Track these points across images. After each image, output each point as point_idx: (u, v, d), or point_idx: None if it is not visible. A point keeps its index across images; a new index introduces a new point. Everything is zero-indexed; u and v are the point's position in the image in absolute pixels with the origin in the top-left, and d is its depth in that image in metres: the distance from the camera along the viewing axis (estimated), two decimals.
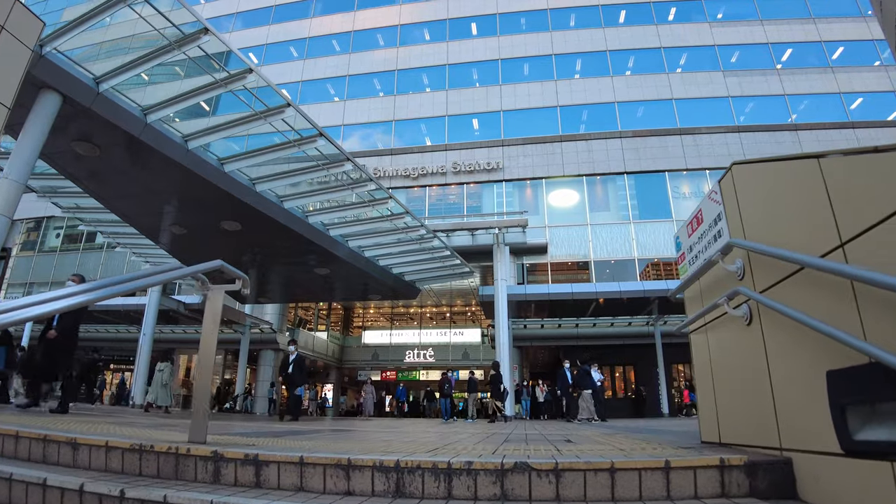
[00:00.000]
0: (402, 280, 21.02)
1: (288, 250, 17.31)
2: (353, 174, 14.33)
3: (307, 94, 37.30)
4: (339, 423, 11.34)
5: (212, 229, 16.26)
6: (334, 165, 13.50)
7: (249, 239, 16.74)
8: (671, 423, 13.93)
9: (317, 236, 16.17)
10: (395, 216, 15.91)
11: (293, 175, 14.08)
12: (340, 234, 17.07)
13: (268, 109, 11.87)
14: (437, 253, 18.68)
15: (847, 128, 31.74)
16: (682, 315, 19.38)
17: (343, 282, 20.83)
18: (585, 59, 34.91)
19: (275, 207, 14.78)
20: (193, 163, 12.69)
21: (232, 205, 14.31)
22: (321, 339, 37.10)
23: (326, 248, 16.74)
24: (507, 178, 32.02)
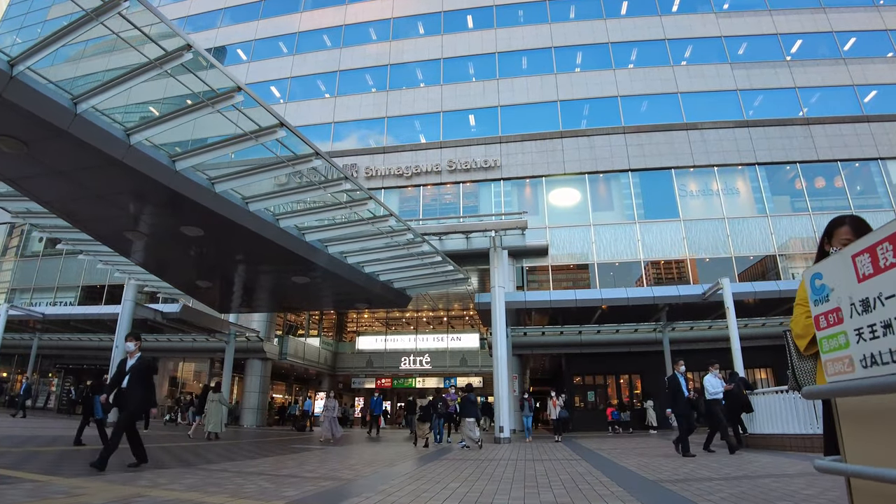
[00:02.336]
0: (390, 288, 19.04)
1: (259, 257, 15.35)
2: (329, 172, 12.32)
3: (297, 91, 35.30)
4: (216, 471, 8.31)
5: (173, 235, 14.29)
6: (301, 162, 11.49)
7: (214, 245, 14.76)
8: None
9: (290, 242, 14.18)
10: (378, 219, 13.90)
11: (257, 173, 12.06)
12: (318, 240, 15.07)
13: (217, 95, 9.83)
14: (428, 258, 16.70)
15: (861, 122, 29.78)
16: (692, 321, 17.21)
17: (325, 290, 18.87)
18: (586, 52, 32.89)
19: (239, 210, 12.80)
20: (138, 160, 10.69)
21: (189, 208, 12.33)
22: (313, 346, 35.15)
23: (302, 255, 14.76)
24: (505, 176, 30.02)
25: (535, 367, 35.03)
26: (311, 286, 17.91)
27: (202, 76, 9.99)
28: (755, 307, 22.13)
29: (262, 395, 29.85)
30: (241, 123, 10.99)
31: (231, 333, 28.22)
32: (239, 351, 29.42)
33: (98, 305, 30.56)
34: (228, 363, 28.39)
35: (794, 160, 29.22)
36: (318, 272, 16.17)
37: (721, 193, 28.83)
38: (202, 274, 17.71)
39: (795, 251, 27.61)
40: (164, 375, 34.16)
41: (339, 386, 39.60)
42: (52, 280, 35.42)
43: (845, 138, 29.47)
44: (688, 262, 27.51)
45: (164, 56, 8.95)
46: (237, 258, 15.73)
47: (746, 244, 27.75)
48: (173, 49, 8.95)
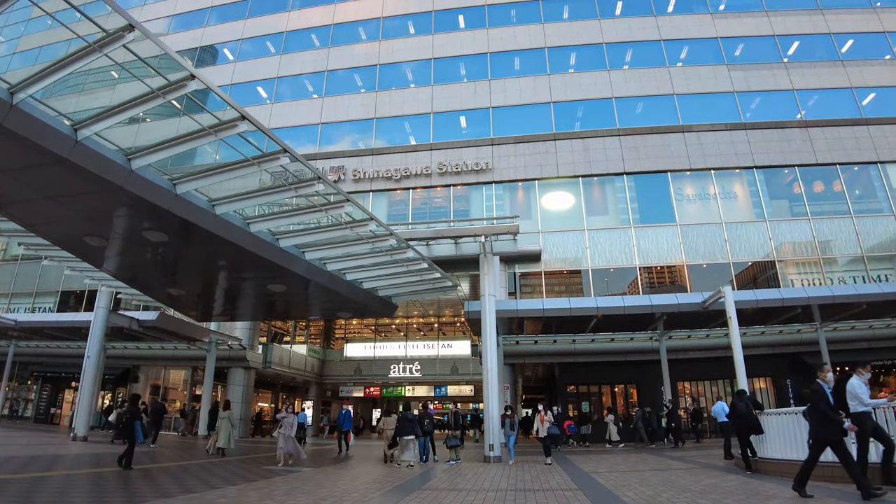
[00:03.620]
0: (374, 296, 17.88)
1: (229, 263, 14.20)
2: (302, 173, 11.16)
3: (284, 92, 34.13)
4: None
5: (136, 240, 13.11)
6: (268, 160, 10.34)
7: (180, 251, 13.60)
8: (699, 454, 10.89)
9: (262, 247, 13.03)
10: (357, 223, 12.76)
11: (221, 173, 10.91)
12: (294, 245, 13.91)
13: (168, 84, 8.67)
14: (414, 265, 15.55)
15: (860, 125, 28.94)
16: (689, 330, 16.06)
17: (305, 299, 17.69)
18: (580, 53, 31.90)
19: (203, 213, 11.64)
20: (86, 159, 9.53)
21: (149, 211, 11.18)
22: (299, 353, 33.90)
23: (276, 262, 13.60)
24: (496, 179, 28.93)
25: (528, 376, 33.91)
26: (290, 295, 16.75)
27: (153, 63, 8.82)
28: (754, 315, 21.10)
29: (246, 406, 28.58)
30: (201, 118, 9.87)
31: (212, 342, 26.98)
32: (221, 359, 28.16)
33: (72, 313, 29.25)
34: (209, 372, 27.13)
35: (793, 164, 28.31)
36: (296, 280, 15.00)
37: (718, 197, 27.86)
38: (172, 281, 16.52)
39: (794, 257, 26.63)
40: (146, 384, 32.84)
41: (328, 394, 38.36)
42: (31, 285, 34.10)
43: (844, 141, 28.60)
44: (684, 268, 26.49)
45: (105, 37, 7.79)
46: (206, 265, 14.57)
47: (745, 249, 26.78)
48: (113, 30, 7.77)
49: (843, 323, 24.02)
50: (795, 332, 24.86)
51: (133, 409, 12.75)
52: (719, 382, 26.49)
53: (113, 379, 32.03)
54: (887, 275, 26.02)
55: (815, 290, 20.43)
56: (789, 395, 24.84)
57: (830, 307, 20.50)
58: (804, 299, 19.09)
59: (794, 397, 24.69)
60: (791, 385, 25.27)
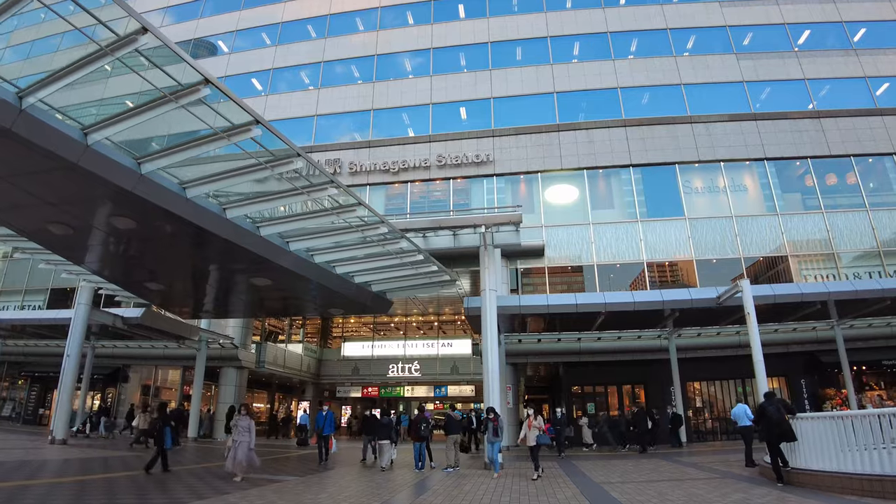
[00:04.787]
0: (367, 291, 16.66)
1: (206, 254, 12.98)
2: (276, 149, 9.93)
3: (279, 84, 32.93)
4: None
5: (103, 228, 11.91)
6: (237, 132, 9.13)
7: (154, 239, 12.41)
8: None
9: (241, 236, 11.82)
10: (344, 209, 11.53)
11: (188, 149, 9.70)
12: (277, 234, 12.70)
13: (118, 38, 7.47)
14: (408, 257, 14.32)
15: (874, 115, 27.70)
16: (699, 327, 14.49)
17: (292, 294, 16.47)
18: (584, 42, 30.66)
19: (174, 198, 10.45)
20: (34, 132, 8.33)
21: (111, 193, 9.98)
22: (294, 353, 32.66)
23: (257, 252, 12.38)
24: (498, 172, 27.69)
25: (531, 376, 32.64)
26: (276, 289, 15.53)
27: None
28: (768, 312, 19.79)
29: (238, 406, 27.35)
30: (156, 80, 8.66)
31: (202, 340, 25.77)
32: (212, 359, 26.97)
33: (53, 310, 28.07)
34: (199, 372, 25.95)
35: (805, 155, 27.06)
36: (280, 273, 13.78)
37: (728, 190, 26.61)
38: (149, 274, 15.31)
39: (808, 252, 25.37)
40: (138, 384, 31.64)
41: (325, 394, 37.10)
42: (21, 282, 32.91)
43: (858, 132, 27.35)
44: (693, 264, 25.23)
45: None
46: (181, 255, 13.35)
47: (756, 244, 25.53)
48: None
49: (860, 320, 22.79)
50: (810, 329, 23.61)
51: (164, 416, 13.03)
52: (730, 382, 25.21)
53: (102, 378, 30.81)
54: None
55: (836, 284, 19.19)
56: (804, 396, 23.60)
57: (849, 303, 19.25)
58: (824, 294, 17.82)
59: (809, 398, 23.47)
60: (806, 385, 24.02)
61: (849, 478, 8.47)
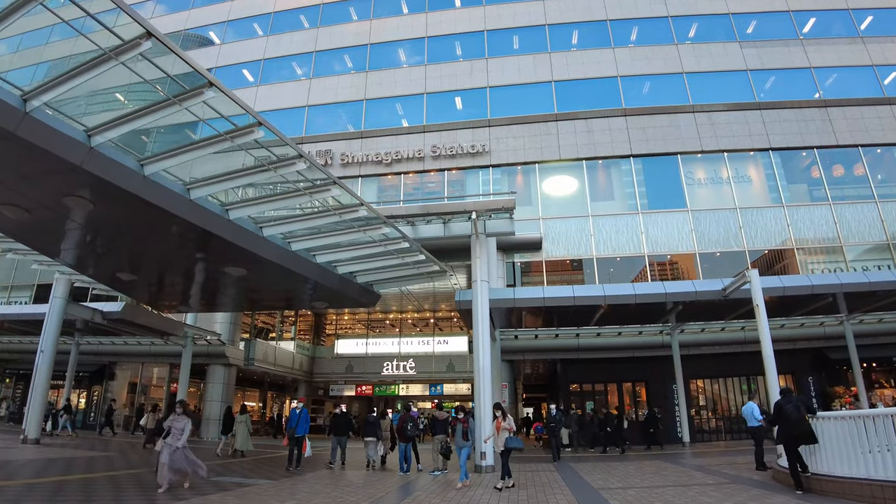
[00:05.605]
0: (352, 283, 15.57)
1: (172, 240, 11.88)
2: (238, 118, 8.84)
3: (270, 74, 31.82)
4: None
5: (60, 210, 10.83)
6: (189, 97, 8.07)
7: (115, 224, 11.35)
8: None
9: (206, 219, 10.74)
10: (317, 188, 10.45)
11: (138, 117, 8.63)
12: (247, 217, 11.62)
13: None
14: (393, 245, 13.23)
15: (882, 104, 26.60)
16: (703, 322, 13.14)
17: (270, 285, 15.36)
18: (583, 30, 29.56)
19: (130, 175, 9.39)
20: None
21: (62, 170, 8.94)
22: (286, 350, 31.55)
23: (227, 238, 11.30)
24: (494, 162, 26.61)
25: (529, 374, 31.54)
26: (252, 280, 14.46)
27: None
28: (775, 306, 18.67)
29: (225, 405, 26.24)
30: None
31: (188, 336, 24.71)
32: (199, 356, 25.92)
33: (29, 305, 27.04)
34: (185, 369, 24.84)
35: (812, 145, 25.97)
36: (254, 261, 12.69)
37: (732, 181, 25.53)
38: (116, 263, 14.23)
39: (815, 244, 24.27)
40: (124, 381, 30.61)
41: (319, 393, 36.06)
42: (7, 278, 31.86)
43: (866, 122, 26.24)
44: (696, 257, 24.15)
45: None
46: (146, 243, 12.27)
47: (761, 237, 24.45)
48: None
49: (871, 315, 21.70)
50: (818, 324, 22.49)
51: None
52: (735, 380, 24.13)
53: (88, 376, 29.83)
54: None
55: (848, 276, 18.10)
56: (811, 394, 22.53)
57: (860, 297, 18.14)
58: (836, 286, 16.71)
59: (817, 396, 22.39)
60: (813, 383, 22.94)
61: (880, 486, 7.39)
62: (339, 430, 14.29)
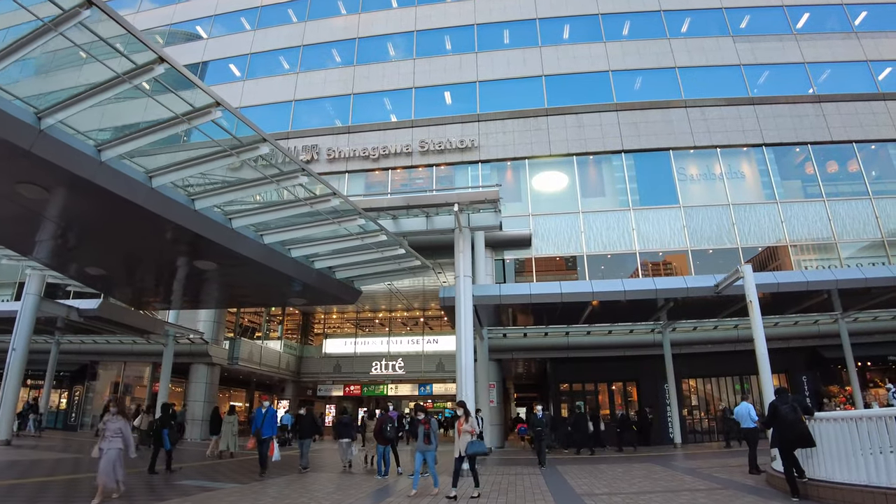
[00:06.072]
0: (330, 278, 14.90)
1: (135, 233, 11.19)
2: (189, 94, 8.17)
3: (257, 68, 31.09)
4: None
5: (16, 199, 10.12)
6: (140, 73, 7.42)
7: (73, 214, 10.66)
8: None
9: (170, 209, 10.06)
10: (285, 176, 9.79)
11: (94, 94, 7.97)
12: (213, 207, 10.95)
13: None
14: (371, 238, 12.58)
15: (877, 100, 26.12)
16: (696, 320, 12.43)
17: (243, 280, 14.66)
18: (574, 24, 28.96)
19: (85, 161, 8.71)
20: None
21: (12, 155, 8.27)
22: (272, 350, 30.84)
23: (194, 230, 10.61)
24: (483, 158, 25.98)
25: (521, 373, 30.91)
26: (224, 275, 13.78)
27: None
28: (769, 303, 18.06)
29: (208, 405, 25.57)
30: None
31: (169, 335, 24.00)
32: (182, 355, 25.21)
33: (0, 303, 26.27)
34: (166, 368, 24.11)
35: (806, 141, 25.46)
36: (225, 255, 12.02)
37: (725, 177, 24.98)
38: (83, 257, 13.52)
39: (809, 241, 23.74)
40: (107, 381, 29.83)
41: (308, 393, 35.35)
42: None
43: (861, 117, 25.75)
44: (688, 254, 23.57)
45: None
46: (111, 235, 11.57)
47: (754, 233, 23.90)
48: None
49: (865, 313, 21.16)
50: (812, 323, 21.97)
51: (163, 417, 12.89)
52: (728, 379, 23.55)
53: (69, 376, 29.06)
54: None
55: (844, 272, 17.48)
56: (805, 393, 21.96)
57: (856, 294, 17.60)
58: (831, 282, 16.14)
59: (812, 395, 21.83)
60: (807, 382, 22.38)
61: (884, 494, 6.78)
62: (304, 431, 13.60)
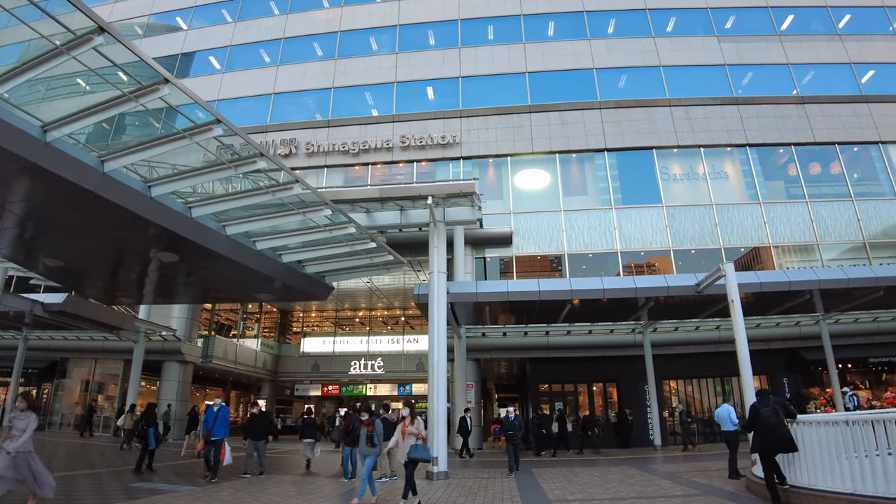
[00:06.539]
0: (298, 272, 14.24)
1: (90, 220, 10.48)
2: (131, 67, 7.50)
3: (237, 61, 30.29)
4: None
5: None
6: (78, 44, 6.78)
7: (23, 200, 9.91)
8: None
9: (124, 196, 9.35)
10: (242, 161, 9.15)
11: (34, 67, 7.29)
12: (173, 196, 10.27)
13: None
14: (339, 231, 11.95)
15: (860, 102, 25.94)
16: (677, 320, 11.77)
17: (208, 273, 13.95)
18: (559, 21, 28.50)
19: (28, 141, 7.99)
20: None
21: None
22: (248, 348, 30.05)
23: (150, 219, 9.90)
24: (465, 154, 25.41)
25: (502, 374, 30.37)
26: (188, 267, 13.08)
27: None
28: (750, 303, 17.73)
29: (182, 404, 24.79)
30: None
31: (140, 331, 23.18)
32: (154, 352, 24.42)
33: None
34: (137, 366, 23.34)
35: (789, 142, 25.21)
36: (186, 246, 11.34)
37: (708, 177, 24.64)
38: (35, 247, 12.74)
39: (791, 242, 23.44)
40: (78, 379, 28.88)
41: (286, 392, 34.58)
42: None
43: (844, 119, 25.55)
44: (670, 255, 23.18)
45: None
46: (66, 223, 10.82)
47: (737, 234, 23.57)
48: None
49: (847, 315, 20.90)
50: (794, 324, 21.67)
51: (150, 417, 13.02)
52: (709, 381, 23.20)
53: (38, 373, 28.07)
54: (891, 264, 22.88)
55: (826, 272, 17.13)
56: (786, 395, 21.64)
57: (837, 295, 17.28)
58: (814, 282, 15.78)
59: (793, 397, 21.52)
60: (788, 384, 22.09)
61: (870, 502, 6.30)
62: (257, 433, 12.55)
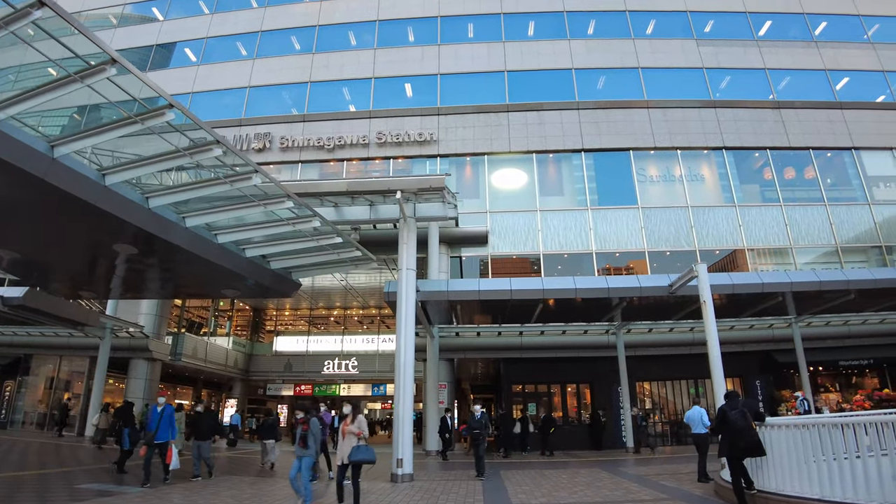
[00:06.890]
0: (263, 268, 13.75)
1: (37, 209, 9.90)
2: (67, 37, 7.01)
3: (212, 54, 29.58)
4: None
5: None
6: (16, 17, 6.30)
7: None
8: None
9: (76, 185, 8.79)
10: (197, 149, 8.67)
11: None
12: (128, 185, 9.75)
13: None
14: (303, 224, 11.50)
15: (834, 108, 26.14)
16: (651, 322, 11.42)
17: (168, 267, 13.39)
18: (539, 20, 28.28)
19: None
20: None
21: None
22: (219, 346, 29.33)
23: (103, 209, 9.36)
24: (442, 152, 25.04)
25: (477, 374, 30.06)
26: (148, 260, 12.52)
27: None
28: (723, 305, 17.69)
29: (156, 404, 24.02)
30: None
31: (106, 327, 22.45)
32: (120, 349, 23.65)
33: None
34: (102, 363, 22.61)
35: (765, 146, 25.30)
36: (142, 238, 10.80)
37: (684, 179, 24.58)
38: None
39: (766, 245, 23.46)
40: (43, 376, 27.95)
41: (259, 392, 33.88)
42: None
43: (818, 125, 25.71)
44: (645, 256, 23.06)
45: None
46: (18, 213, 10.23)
47: (712, 236, 23.51)
48: None
49: (819, 318, 20.94)
50: (767, 327, 21.67)
51: (126, 416, 12.84)
52: (682, 383, 23.12)
53: (0, 370, 27.10)
54: (862, 268, 23.00)
55: (799, 274, 17.13)
56: (759, 398, 21.64)
57: (810, 298, 17.25)
58: (786, 284, 15.69)
59: (765, 400, 21.52)
60: (761, 386, 22.08)
61: None
62: (200, 433, 11.96)
